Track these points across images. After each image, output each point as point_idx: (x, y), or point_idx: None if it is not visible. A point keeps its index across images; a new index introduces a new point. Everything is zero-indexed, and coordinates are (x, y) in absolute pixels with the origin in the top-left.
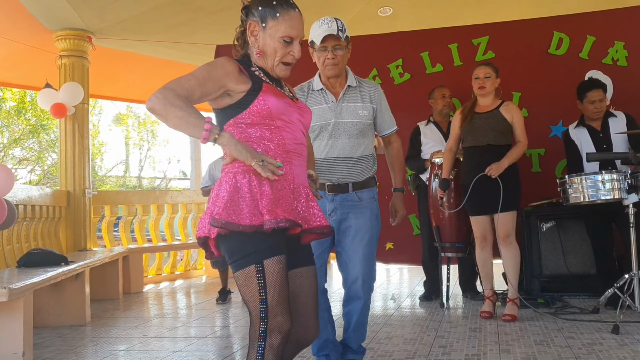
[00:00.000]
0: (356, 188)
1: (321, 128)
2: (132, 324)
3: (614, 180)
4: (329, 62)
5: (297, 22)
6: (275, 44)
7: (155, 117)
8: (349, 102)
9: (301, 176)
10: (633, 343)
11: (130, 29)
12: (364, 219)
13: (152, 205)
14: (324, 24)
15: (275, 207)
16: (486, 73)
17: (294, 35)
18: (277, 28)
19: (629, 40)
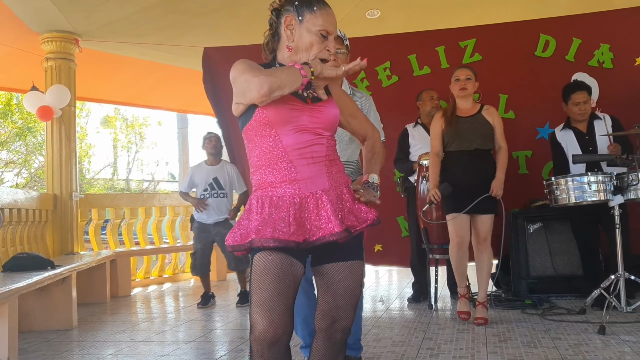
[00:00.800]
0: None
1: None
2: (120, 327)
3: (599, 182)
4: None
5: (333, 19)
6: (312, 38)
7: (275, 96)
8: None
9: (316, 180)
10: (619, 343)
11: (118, 31)
12: None
13: (140, 208)
14: None
15: (265, 227)
16: (467, 75)
17: (331, 31)
18: (314, 22)
19: (614, 43)
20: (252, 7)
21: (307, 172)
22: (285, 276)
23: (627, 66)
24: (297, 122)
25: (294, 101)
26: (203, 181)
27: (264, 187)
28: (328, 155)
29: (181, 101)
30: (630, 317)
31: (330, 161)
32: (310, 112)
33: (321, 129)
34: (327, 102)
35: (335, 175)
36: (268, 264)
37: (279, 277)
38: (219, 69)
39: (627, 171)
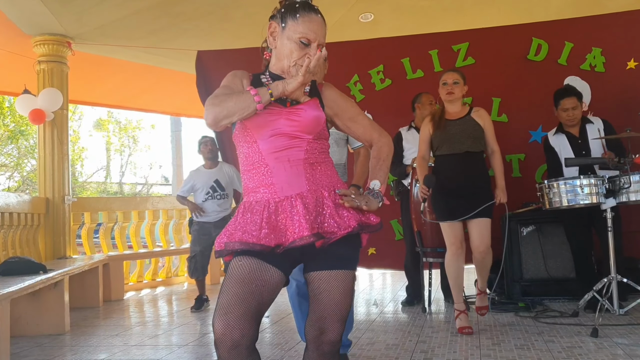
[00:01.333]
0: None
1: None
2: (113, 332)
3: (592, 185)
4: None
5: (316, 26)
6: (291, 45)
7: (223, 124)
8: None
9: (293, 183)
10: (611, 346)
11: (110, 34)
12: None
13: (133, 211)
14: None
15: (236, 231)
16: (454, 79)
17: (312, 38)
18: (295, 29)
19: (606, 47)
20: (244, 10)
21: (283, 176)
22: (252, 281)
23: (619, 70)
24: (273, 126)
25: (273, 105)
26: (204, 185)
27: (246, 192)
28: (308, 159)
29: (174, 104)
30: (623, 320)
31: (312, 164)
32: (287, 116)
33: (299, 131)
34: (307, 105)
35: (318, 178)
36: (235, 269)
37: (242, 282)
38: (212, 72)
39: (619, 174)
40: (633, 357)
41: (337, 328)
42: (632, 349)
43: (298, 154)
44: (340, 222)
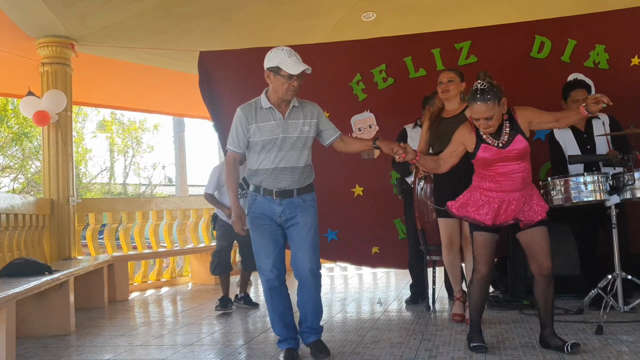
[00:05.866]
0: (300, 193)
1: (270, 142)
2: (118, 332)
3: (596, 182)
4: (292, 89)
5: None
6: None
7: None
8: (294, 119)
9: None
10: (616, 343)
11: (113, 36)
12: (310, 216)
13: (137, 212)
14: (292, 55)
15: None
16: (449, 77)
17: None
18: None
19: (609, 44)
20: (246, 10)
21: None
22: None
23: (623, 67)
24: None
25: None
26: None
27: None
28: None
29: (178, 105)
30: (628, 317)
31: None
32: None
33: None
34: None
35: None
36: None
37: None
38: (215, 73)
39: (623, 171)
40: (638, 355)
41: (548, 263)
42: (637, 346)
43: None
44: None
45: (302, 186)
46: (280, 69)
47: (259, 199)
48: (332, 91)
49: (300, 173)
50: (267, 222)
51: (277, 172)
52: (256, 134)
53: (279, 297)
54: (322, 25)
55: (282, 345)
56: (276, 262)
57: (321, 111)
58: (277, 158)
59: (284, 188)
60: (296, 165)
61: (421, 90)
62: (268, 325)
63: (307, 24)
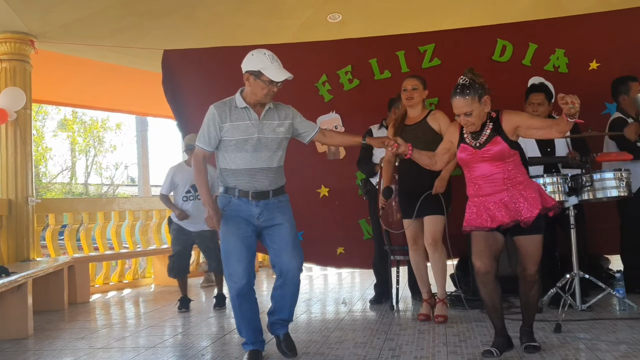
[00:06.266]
0: (275, 194)
1: (245, 142)
2: (78, 335)
3: (555, 183)
4: (271, 95)
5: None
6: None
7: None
8: (269, 120)
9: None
10: (574, 341)
11: (75, 33)
12: (288, 215)
13: (98, 212)
14: (274, 61)
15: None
16: (413, 85)
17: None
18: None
19: (569, 48)
20: (211, 9)
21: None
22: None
23: (581, 71)
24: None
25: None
26: (186, 182)
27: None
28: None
29: (141, 104)
30: (585, 315)
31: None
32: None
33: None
34: None
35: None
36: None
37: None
38: (179, 72)
39: (581, 173)
40: (594, 351)
41: (529, 268)
42: (593, 344)
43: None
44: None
45: (277, 187)
46: (262, 74)
47: (234, 200)
48: (298, 92)
49: (274, 174)
50: (242, 225)
51: (253, 172)
52: (230, 132)
53: (249, 304)
54: (288, 25)
55: (248, 347)
56: (248, 267)
57: (296, 112)
58: (253, 158)
59: (260, 189)
60: (271, 166)
61: (386, 91)
62: (232, 326)
63: (273, 23)
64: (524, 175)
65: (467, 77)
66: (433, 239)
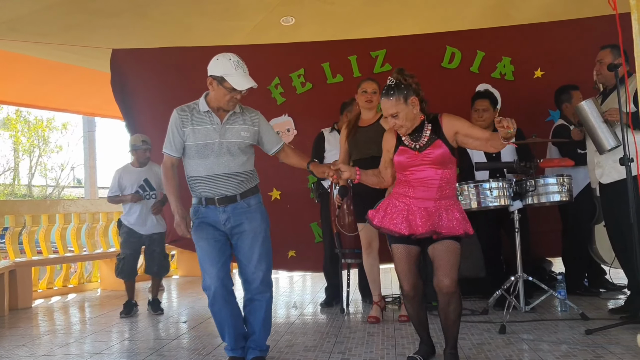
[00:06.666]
0: (244, 197)
1: (206, 147)
2: (19, 342)
3: (500, 188)
4: (234, 102)
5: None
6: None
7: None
8: (232, 124)
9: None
10: (518, 341)
11: (19, 30)
12: (256, 222)
13: (42, 215)
14: (239, 68)
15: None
16: (374, 89)
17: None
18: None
19: (515, 56)
20: (162, 8)
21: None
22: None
23: (527, 78)
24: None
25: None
26: (133, 183)
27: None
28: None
29: (88, 103)
30: (529, 317)
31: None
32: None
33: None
34: None
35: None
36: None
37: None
38: (128, 72)
39: (525, 178)
40: (537, 352)
41: (444, 279)
42: (536, 344)
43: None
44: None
45: (245, 190)
46: (225, 81)
47: (202, 209)
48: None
49: (240, 178)
50: (210, 230)
51: (215, 178)
52: (191, 137)
53: (227, 309)
54: (240, 27)
55: (228, 352)
56: (222, 270)
57: (263, 120)
58: (214, 164)
59: (224, 194)
60: (235, 172)
61: (338, 95)
62: (181, 331)
63: (226, 25)
64: (453, 192)
65: (393, 78)
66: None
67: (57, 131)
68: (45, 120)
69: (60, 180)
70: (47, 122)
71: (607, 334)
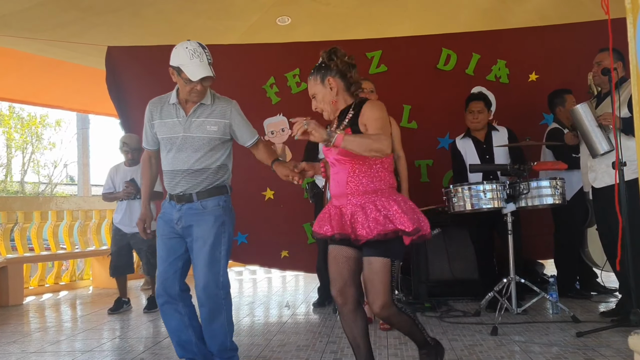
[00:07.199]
0: (201, 197)
1: (170, 140)
2: (10, 339)
3: (494, 190)
4: (196, 92)
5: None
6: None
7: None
8: (198, 117)
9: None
10: (509, 343)
11: (13, 25)
12: (206, 226)
13: (34, 212)
14: (194, 57)
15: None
16: (370, 88)
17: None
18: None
19: (510, 59)
20: (156, 7)
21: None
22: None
23: (522, 82)
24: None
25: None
26: (121, 182)
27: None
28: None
29: (82, 101)
30: (520, 318)
31: None
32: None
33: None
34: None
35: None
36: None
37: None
38: (123, 69)
39: (518, 180)
40: (528, 353)
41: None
42: (527, 346)
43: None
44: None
45: (202, 190)
46: (182, 71)
47: (165, 204)
48: (245, 93)
49: (199, 177)
50: (166, 228)
51: (174, 174)
52: (159, 130)
53: (171, 313)
54: (236, 27)
55: (179, 356)
56: (167, 271)
57: (237, 111)
58: (174, 159)
59: (181, 192)
60: (195, 168)
61: None
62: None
63: (221, 24)
64: (375, 186)
65: (321, 57)
66: None
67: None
68: (38, 116)
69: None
70: (40, 119)
71: (598, 337)
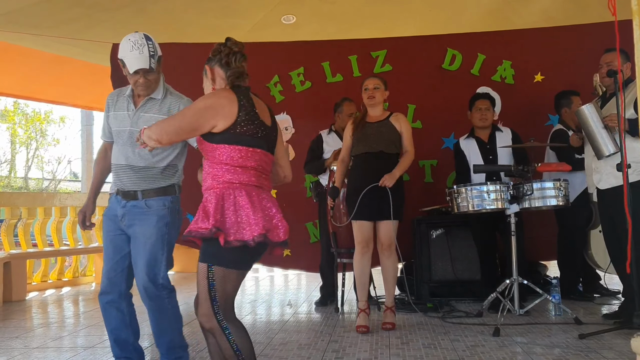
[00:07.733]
0: (146, 196)
1: (119, 134)
2: (12, 334)
3: (497, 191)
4: (140, 85)
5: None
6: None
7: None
8: (147, 112)
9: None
10: (511, 344)
11: (19, 21)
12: (148, 226)
13: (38, 208)
14: (134, 49)
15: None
16: (375, 84)
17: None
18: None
19: (515, 60)
20: (162, 4)
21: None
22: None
23: (527, 83)
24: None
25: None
26: None
27: None
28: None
29: (87, 97)
30: (522, 320)
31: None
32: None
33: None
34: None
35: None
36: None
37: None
38: None
39: (522, 181)
40: (530, 355)
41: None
42: (529, 347)
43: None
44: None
45: (147, 189)
46: (125, 63)
47: (112, 199)
48: None
49: (143, 174)
50: (111, 225)
51: (117, 168)
52: (112, 122)
53: (113, 312)
54: (241, 25)
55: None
56: (114, 269)
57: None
58: (118, 153)
59: (125, 188)
60: (138, 165)
61: (338, 95)
62: None
63: (225, 22)
64: (218, 180)
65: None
66: (389, 244)
67: (54, 124)
68: (43, 113)
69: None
70: (44, 115)
71: (601, 339)
